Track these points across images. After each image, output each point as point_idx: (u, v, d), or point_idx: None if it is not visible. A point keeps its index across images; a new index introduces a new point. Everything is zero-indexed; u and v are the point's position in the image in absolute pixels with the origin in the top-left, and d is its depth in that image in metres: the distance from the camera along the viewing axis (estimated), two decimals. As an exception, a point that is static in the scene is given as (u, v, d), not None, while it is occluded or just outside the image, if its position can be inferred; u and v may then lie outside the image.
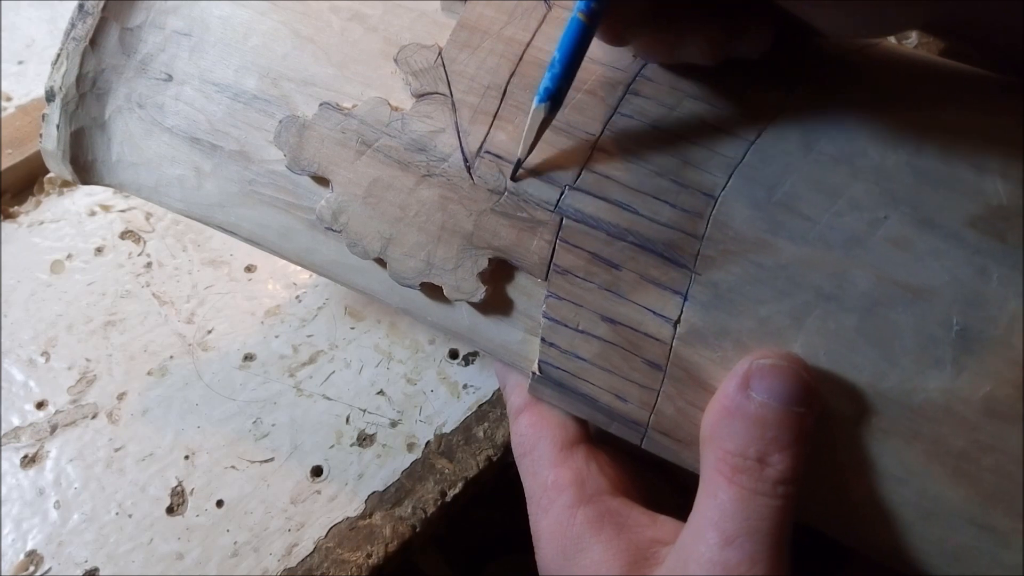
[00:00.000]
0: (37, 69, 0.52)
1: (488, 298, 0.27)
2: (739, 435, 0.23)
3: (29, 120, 0.47)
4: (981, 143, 0.24)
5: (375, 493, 0.36)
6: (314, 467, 0.37)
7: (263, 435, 0.38)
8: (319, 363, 0.40)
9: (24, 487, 0.36)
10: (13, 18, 0.54)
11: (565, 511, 0.26)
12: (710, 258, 0.25)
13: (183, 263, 0.43)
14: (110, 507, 0.36)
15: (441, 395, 0.39)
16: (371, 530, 0.35)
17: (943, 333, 0.23)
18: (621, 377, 0.26)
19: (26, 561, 0.34)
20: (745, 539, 0.22)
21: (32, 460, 0.37)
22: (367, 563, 0.34)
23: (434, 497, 0.36)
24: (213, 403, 0.39)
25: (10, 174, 0.45)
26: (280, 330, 0.41)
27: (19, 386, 0.39)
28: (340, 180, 0.28)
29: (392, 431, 0.38)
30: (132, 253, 0.44)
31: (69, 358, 0.40)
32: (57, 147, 0.31)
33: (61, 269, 0.43)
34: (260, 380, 0.39)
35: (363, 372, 0.40)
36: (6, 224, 0.45)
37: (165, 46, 0.30)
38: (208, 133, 0.30)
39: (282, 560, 0.34)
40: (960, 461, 0.23)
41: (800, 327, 0.24)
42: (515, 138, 0.26)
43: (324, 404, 0.39)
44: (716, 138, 0.25)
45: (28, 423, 0.38)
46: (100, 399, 0.39)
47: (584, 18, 0.23)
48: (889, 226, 0.23)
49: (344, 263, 0.29)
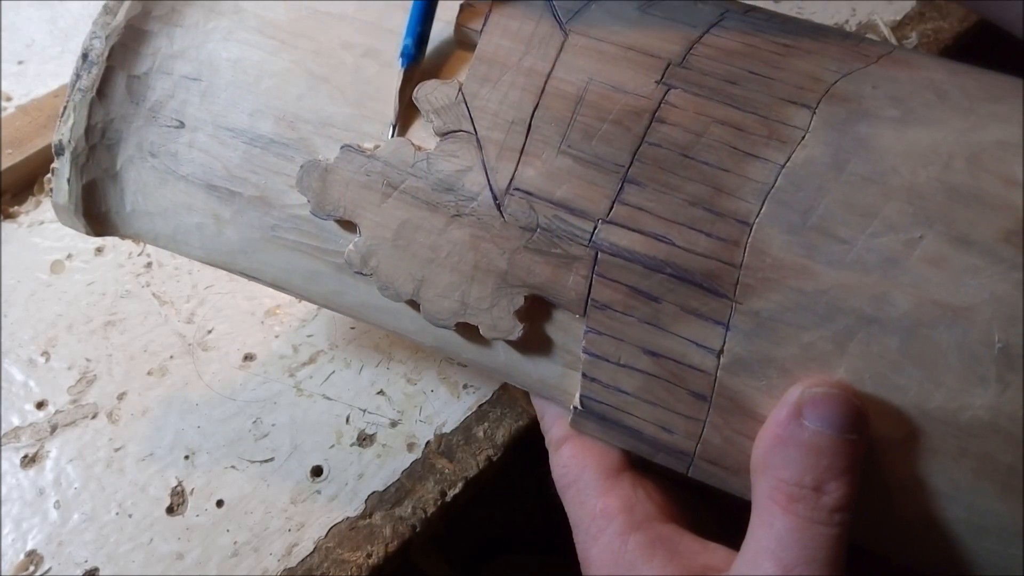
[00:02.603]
0: (37, 69, 0.52)
1: (525, 335, 0.27)
2: (794, 464, 0.23)
3: (29, 120, 0.47)
4: (1008, 156, 0.24)
5: (375, 493, 0.36)
6: (314, 467, 0.37)
7: (263, 435, 0.38)
8: (319, 363, 0.40)
9: (24, 487, 0.36)
10: (13, 18, 0.54)
11: (616, 538, 0.26)
12: (750, 287, 0.24)
13: (183, 263, 0.43)
14: (110, 507, 0.36)
15: (441, 395, 0.39)
16: (371, 530, 0.35)
17: (985, 351, 0.23)
18: (666, 409, 0.26)
19: (26, 561, 0.34)
20: (804, 569, 0.22)
21: (32, 460, 0.37)
22: (367, 563, 0.34)
23: (434, 497, 0.36)
24: (213, 403, 0.39)
25: (10, 174, 0.45)
26: (280, 330, 0.41)
27: (19, 386, 0.39)
28: (368, 224, 0.27)
29: (392, 431, 0.38)
30: (132, 253, 0.44)
31: (69, 358, 0.40)
32: (69, 201, 0.30)
33: (61, 269, 0.43)
34: (260, 380, 0.39)
35: (363, 372, 0.40)
36: (6, 224, 0.45)
37: (175, 92, 0.29)
38: (225, 180, 0.29)
39: (282, 560, 0.34)
40: (1009, 477, 0.23)
41: (844, 352, 0.24)
42: (543, 174, 0.26)
43: (324, 404, 0.39)
44: (746, 163, 0.25)
45: (28, 423, 0.38)
46: (100, 399, 0.39)
47: None
48: (925, 246, 0.23)
49: (374, 305, 0.29)
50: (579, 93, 0.26)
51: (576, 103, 0.26)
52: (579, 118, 0.26)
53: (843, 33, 0.28)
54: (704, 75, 0.26)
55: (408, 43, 0.27)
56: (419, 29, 0.28)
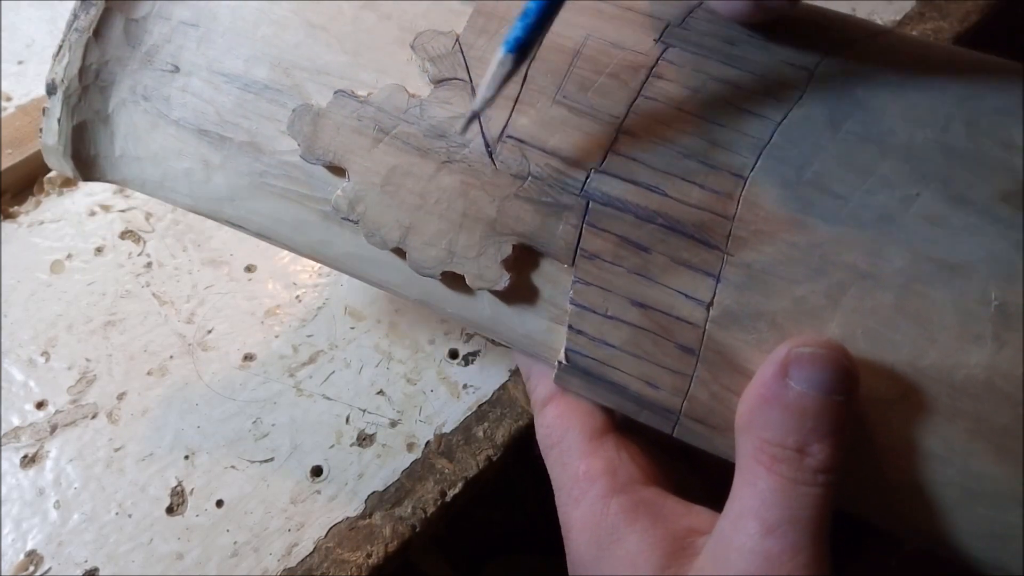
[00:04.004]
0: (37, 69, 0.52)
1: (512, 286, 0.27)
2: (777, 424, 0.23)
3: (29, 120, 0.47)
4: (1007, 122, 0.24)
5: (375, 493, 0.36)
6: (314, 467, 0.37)
7: (263, 435, 0.38)
8: (319, 363, 0.40)
9: (24, 487, 0.36)
10: (13, 18, 0.54)
11: (598, 501, 0.26)
12: (742, 239, 0.24)
13: (183, 263, 0.43)
14: (110, 507, 0.36)
15: (441, 395, 0.39)
16: (371, 530, 0.35)
17: (982, 309, 0.22)
18: (652, 363, 0.26)
19: (26, 561, 0.34)
20: (787, 528, 0.22)
21: (32, 460, 0.37)
22: (367, 563, 0.34)
23: (434, 497, 0.36)
24: (213, 403, 0.39)
25: (10, 174, 0.45)
26: (280, 330, 0.41)
27: (19, 386, 0.39)
28: (357, 169, 0.27)
29: (392, 431, 0.38)
30: (132, 253, 0.44)
31: (69, 358, 0.40)
32: (58, 142, 0.30)
33: (61, 269, 0.43)
34: (260, 380, 0.39)
35: (363, 372, 0.40)
36: (6, 224, 0.45)
37: (171, 37, 0.30)
38: (217, 125, 0.29)
39: (282, 560, 0.34)
40: (1004, 438, 0.22)
41: (836, 306, 0.24)
42: (537, 122, 0.26)
43: (324, 404, 0.39)
44: (742, 119, 0.25)
45: (28, 423, 0.38)
46: (100, 399, 0.39)
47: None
48: (922, 203, 0.23)
49: (360, 255, 0.29)
50: (577, 47, 0.26)
51: (573, 56, 0.26)
52: (575, 70, 0.26)
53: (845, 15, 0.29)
54: (703, 35, 0.26)
55: (520, 36, 0.23)
56: (538, 21, 0.23)
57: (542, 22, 0.23)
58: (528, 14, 0.23)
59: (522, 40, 0.23)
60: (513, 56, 0.23)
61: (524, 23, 0.23)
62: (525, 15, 0.23)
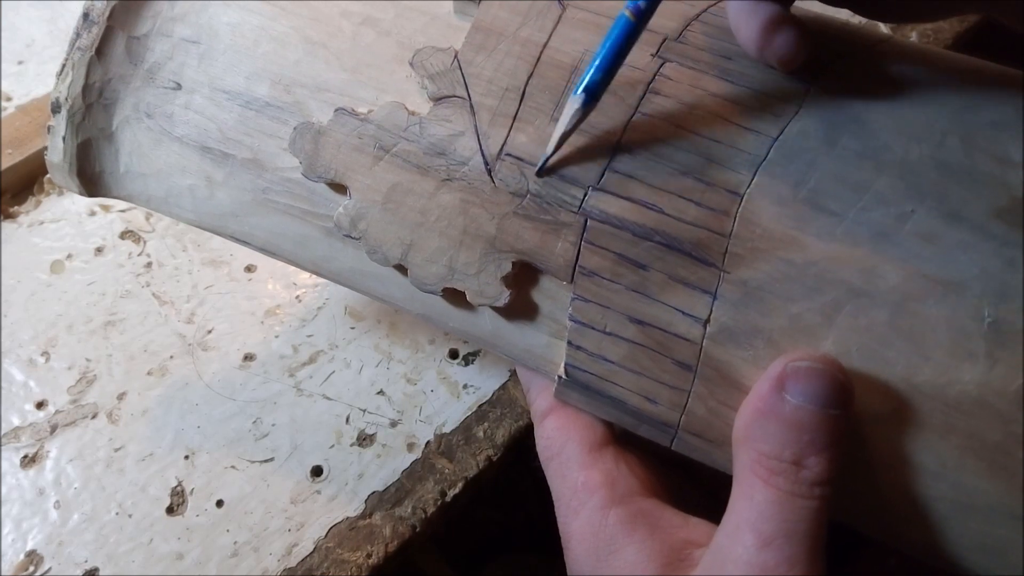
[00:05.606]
0: (37, 69, 0.52)
1: (512, 302, 0.27)
2: (774, 437, 0.23)
3: (29, 120, 0.47)
4: (1003, 136, 0.24)
5: (375, 493, 0.36)
6: (314, 467, 0.37)
7: (263, 435, 0.38)
8: (319, 363, 0.40)
9: (24, 487, 0.36)
10: (13, 18, 0.54)
11: (597, 512, 0.26)
12: (738, 256, 0.24)
13: (183, 263, 0.43)
14: (110, 507, 0.36)
15: (441, 395, 0.39)
16: (371, 530, 0.35)
17: (975, 326, 0.23)
18: (650, 379, 0.26)
19: (26, 561, 0.34)
20: (783, 541, 0.22)
21: (32, 460, 0.37)
22: (367, 563, 0.34)
23: (434, 497, 0.36)
24: (213, 403, 0.39)
25: (10, 174, 0.45)
26: (280, 330, 0.41)
27: (19, 386, 0.39)
28: (358, 186, 0.27)
29: (392, 431, 0.38)
30: (132, 253, 0.44)
31: (69, 358, 0.40)
32: (63, 159, 0.31)
33: (61, 269, 0.43)
34: (260, 380, 0.39)
35: (363, 372, 0.40)
36: (6, 224, 0.45)
37: (173, 54, 0.30)
38: (219, 142, 0.29)
39: (282, 560, 0.34)
40: (996, 454, 0.23)
41: (831, 324, 0.24)
42: (535, 140, 0.26)
43: (324, 404, 0.39)
44: (739, 136, 0.25)
45: (28, 423, 0.38)
46: (100, 399, 0.39)
47: (631, 15, 0.24)
48: (916, 220, 0.23)
49: (362, 271, 0.29)
50: (574, 63, 0.27)
51: (571, 72, 0.26)
52: (572, 87, 0.26)
53: (843, 21, 0.29)
54: (700, 50, 0.26)
55: (593, 80, 0.25)
56: (608, 67, 0.25)
57: (611, 68, 0.25)
58: (598, 59, 0.24)
59: (592, 85, 0.25)
60: (583, 98, 0.25)
61: (594, 67, 0.24)
62: (595, 61, 0.24)
